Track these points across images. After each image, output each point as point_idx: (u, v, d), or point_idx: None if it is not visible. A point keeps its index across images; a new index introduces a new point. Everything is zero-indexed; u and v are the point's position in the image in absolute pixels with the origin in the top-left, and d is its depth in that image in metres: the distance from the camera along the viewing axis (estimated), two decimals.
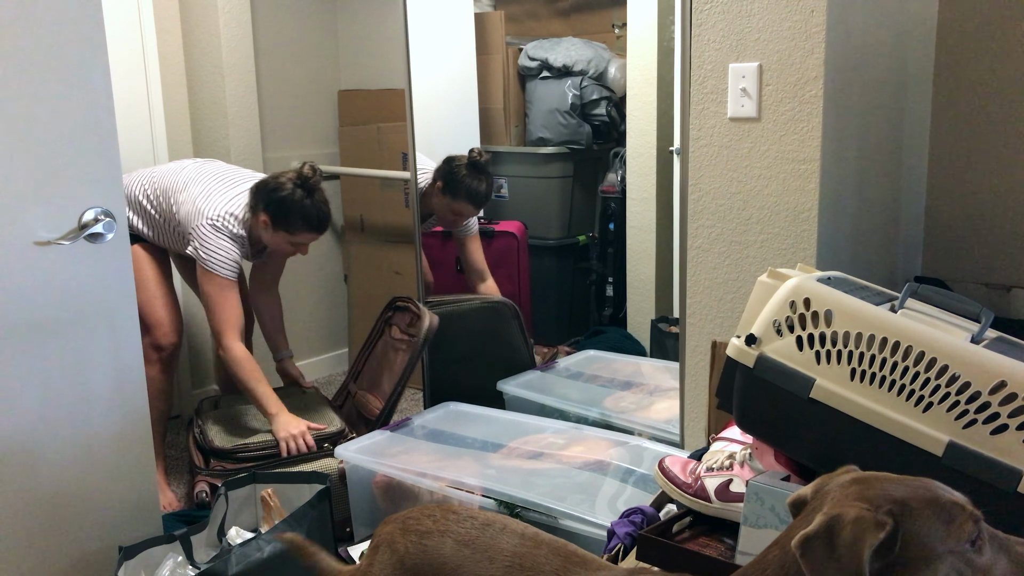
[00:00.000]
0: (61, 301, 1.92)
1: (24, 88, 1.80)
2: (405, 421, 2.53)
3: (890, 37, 2.05)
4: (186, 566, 2.03)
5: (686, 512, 1.46)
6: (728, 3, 1.89)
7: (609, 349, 3.25)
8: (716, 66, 1.93)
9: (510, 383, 2.83)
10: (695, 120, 1.99)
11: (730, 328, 2.00)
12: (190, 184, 2.68)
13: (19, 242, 1.84)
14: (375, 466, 2.27)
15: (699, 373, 2.10)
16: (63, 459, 1.96)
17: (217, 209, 2.59)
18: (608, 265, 3.81)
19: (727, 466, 1.43)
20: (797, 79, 1.82)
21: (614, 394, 2.76)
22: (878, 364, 1.23)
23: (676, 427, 2.24)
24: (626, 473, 2.12)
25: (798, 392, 1.28)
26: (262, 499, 2.21)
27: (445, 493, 2.12)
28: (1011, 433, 1.15)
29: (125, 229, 1.99)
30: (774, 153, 1.88)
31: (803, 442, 1.31)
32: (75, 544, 2.01)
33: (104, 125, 1.93)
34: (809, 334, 1.28)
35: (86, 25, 1.87)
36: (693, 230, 2.04)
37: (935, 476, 1.19)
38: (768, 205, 1.91)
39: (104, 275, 1.98)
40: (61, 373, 1.94)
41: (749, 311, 1.38)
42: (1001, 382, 1.15)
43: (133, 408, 2.08)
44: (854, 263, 1.99)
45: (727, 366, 1.38)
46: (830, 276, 1.38)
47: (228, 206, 2.62)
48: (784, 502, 1.21)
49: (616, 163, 3.76)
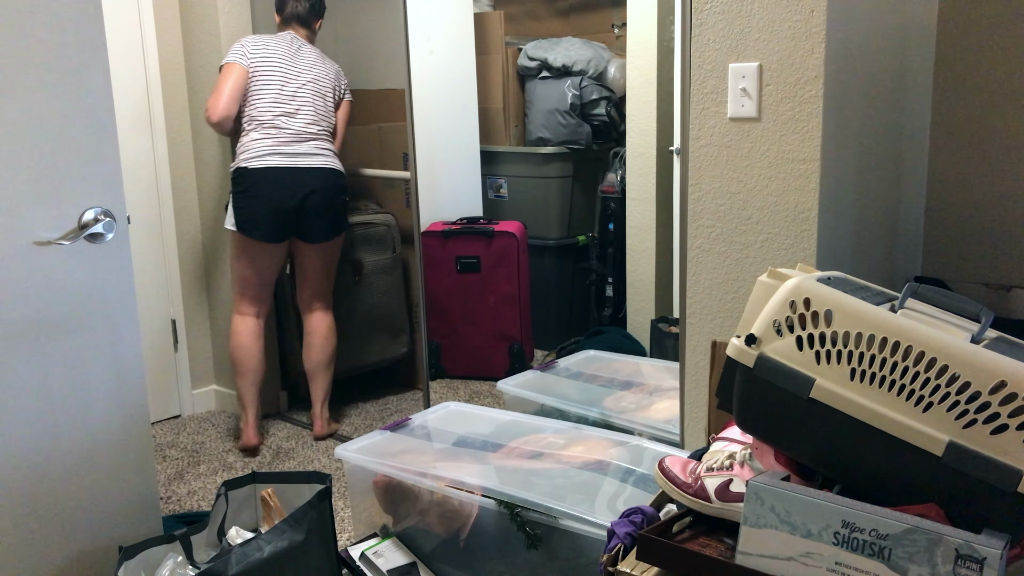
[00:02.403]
0: (61, 301, 1.91)
1: (24, 88, 1.80)
2: (405, 421, 2.53)
3: (890, 37, 2.05)
4: (186, 566, 2.03)
5: (686, 512, 1.46)
6: (728, 3, 1.89)
7: (609, 349, 3.25)
8: (716, 66, 1.93)
9: (510, 382, 2.83)
10: (695, 120, 1.99)
11: (730, 328, 2.00)
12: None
13: (19, 242, 1.84)
14: (375, 466, 2.27)
15: (699, 373, 2.10)
16: (63, 459, 1.96)
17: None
18: (608, 265, 3.82)
19: (727, 466, 1.43)
20: (797, 79, 1.82)
21: (614, 394, 2.76)
22: (878, 364, 1.23)
23: (676, 427, 2.25)
24: (626, 473, 2.12)
25: (798, 392, 1.28)
26: (262, 499, 2.21)
27: (445, 493, 2.12)
28: (1011, 433, 1.15)
29: (125, 229, 1.99)
30: (774, 153, 1.88)
31: (803, 442, 1.31)
32: (75, 544, 2.01)
33: (104, 125, 1.93)
34: (809, 334, 1.28)
35: (86, 25, 1.87)
36: (693, 230, 2.04)
37: (935, 476, 1.19)
38: (768, 205, 1.91)
39: (104, 275, 1.97)
40: (61, 373, 1.94)
41: (749, 311, 1.38)
42: (1001, 382, 1.15)
43: (133, 408, 2.08)
44: (854, 263, 1.99)
45: (727, 366, 1.38)
46: (830, 276, 1.38)
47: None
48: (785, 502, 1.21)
49: (616, 163, 3.76)
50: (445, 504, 2.13)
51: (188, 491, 2.94)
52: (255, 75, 3.03)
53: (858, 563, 1.15)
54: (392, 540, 2.27)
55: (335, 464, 3.08)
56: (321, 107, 3.10)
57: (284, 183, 3.01)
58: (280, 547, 1.91)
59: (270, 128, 3.01)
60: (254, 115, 3.02)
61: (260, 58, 3.05)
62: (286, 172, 3.00)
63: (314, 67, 3.11)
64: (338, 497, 2.75)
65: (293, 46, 3.11)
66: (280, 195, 3.01)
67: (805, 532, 1.19)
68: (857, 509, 1.16)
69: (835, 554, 1.17)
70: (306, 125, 3.05)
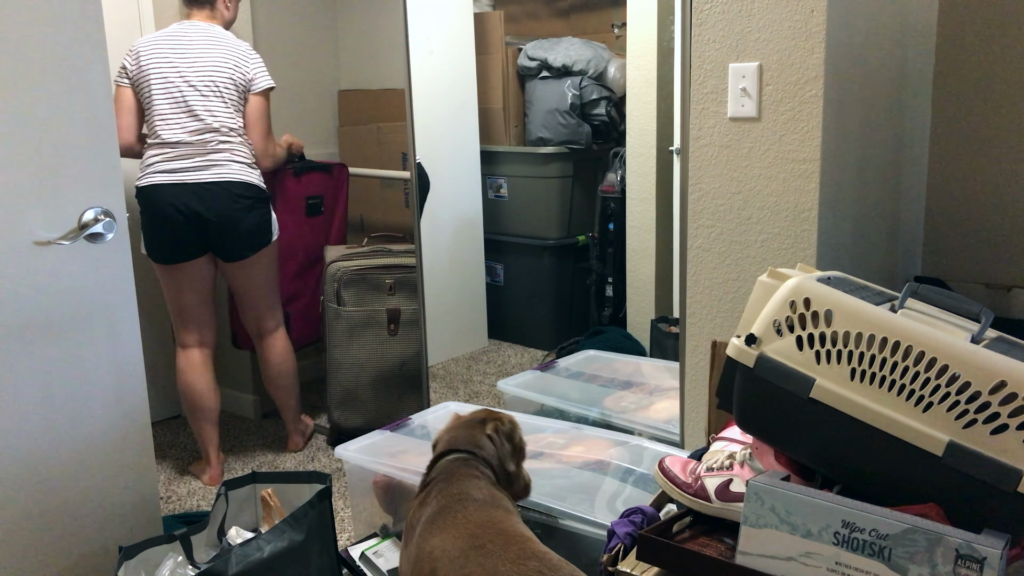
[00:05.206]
0: (61, 301, 1.92)
1: (24, 88, 1.80)
2: (405, 421, 2.53)
3: (890, 37, 2.05)
4: (186, 566, 2.03)
5: (686, 512, 1.46)
6: (728, 3, 1.89)
7: (609, 349, 3.25)
8: (716, 66, 1.93)
9: (510, 383, 2.83)
10: (695, 120, 1.99)
11: (730, 328, 2.00)
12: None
13: (19, 242, 1.84)
14: (375, 466, 2.27)
15: (699, 373, 2.10)
16: (63, 459, 1.96)
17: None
18: (608, 265, 3.81)
19: (727, 466, 1.43)
20: (797, 79, 1.82)
21: (614, 394, 2.76)
22: (878, 364, 1.23)
23: (676, 427, 2.25)
24: (626, 473, 2.12)
25: (798, 392, 1.28)
26: (262, 499, 2.21)
27: None
28: (1011, 433, 1.15)
29: (125, 229, 1.99)
30: (774, 153, 1.88)
31: (803, 442, 1.31)
32: (75, 544, 2.01)
33: (104, 125, 1.93)
34: (809, 334, 1.28)
35: (86, 25, 1.87)
36: (693, 230, 2.04)
37: (935, 476, 1.19)
38: (768, 205, 1.91)
39: (104, 275, 1.98)
40: (61, 373, 1.94)
41: (749, 311, 1.38)
42: (1001, 382, 1.15)
43: (133, 408, 2.08)
44: (854, 263, 1.99)
45: (727, 366, 1.38)
46: (830, 276, 1.38)
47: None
48: (785, 502, 1.21)
49: (616, 163, 3.76)
50: None
51: (188, 491, 2.94)
52: (139, 89, 2.74)
53: (858, 563, 1.15)
54: (392, 540, 2.27)
55: (335, 464, 3.08)
56: (216, 108, 2.73)
57: (171, 201, 2.70)
58: (280, 547, 1.91)
59: (159, 144, 2.73)
60: (147, 131, 2.77)
61: (138, 70, 2.73)
62: (172, 190, 2.70)
63: (204, 60, 2.73)
64: (338, 497, 2.75)
65: (180, 41, 2.76)
66: (170, 215, 2.71)
67: (805, 532, 1.19)
68: (857, 509, 1.16)
69: (835, 554, 1.17)
70: (196, 134, 2.72)
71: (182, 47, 2.74)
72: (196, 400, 2.93)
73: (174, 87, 2.72)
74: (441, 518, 1.54)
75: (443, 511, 1.56)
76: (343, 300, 3.14)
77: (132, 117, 2.76)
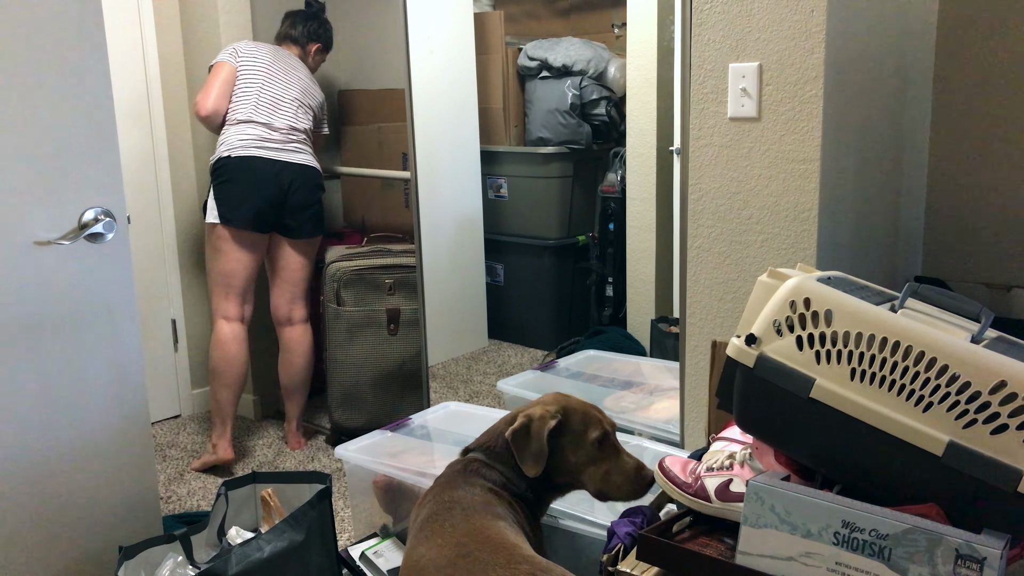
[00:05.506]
0: (61, 301, 1.91)
1: (24, 88, 1.80)
2: (405, 421, 2.53)
3: (890, 37, 2.05)
4: (186, 566, 2.03)
5: (686, 512, 1.46)
6: (728, 3, 1.89)
7: (609, 349, 3.25)
8: (716, 66, 1.93)
9: (510, 382, 2.83)
10: (695, 120, 1.99)
11: (730, 328, 2.00)
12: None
13: (19, 242, 1.84)
14: (375, 466, 2.27)
15: (699, 373, 2.10)
16: (63, 459, 1.96)
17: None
18: (608, 265, 3.81)
19: (727, 466, 1.43)
20: (797, 79, 1.82)
21: (614, 394, 2.75)
22: (878, 364, 1.23)
23: (676, 427, 2.24)
24: None
25: (798, 392, 1.28)
26: (262, 499, 2.21)
27: None
28: (1011, 433, 1.15)
29: (125, 229, 1.99)
30: (774, 153, 1.88)
31: (803, 442, 1.31)
32: (75, 544, 2.01)
33: (104, 125, 1.93)
34: (809, 334, 1.28)
35: (86, 25, 1.87)
36: (693, 230, 2.04)
37: (935, 476, 1.19)
38: (768, 205, 1.91)
39: (104, 275, 1.97)
40: (61, 373, 1.94)
41: (749, 311, 1.38)
42: (1001, 382, 1.15)
43: (133, 408, 2.08)
44: (854, 263, 1.99)
45: (727, 366, 1.38)
46: (830, 276, 1.38)
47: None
48: (784, 502, 1.21)
49: (616, 163, 3.76)
50: None
51: (188, 491, 2.94)
52: (243, 75, 3.07)
53: (858, 563, 1.15)
54: (392, 540, 2.27)
55: (335, 464, 3.08)
56: (303, 116, 3.13)
57: (266, 172, 3.00)
58: (280, 547, 1.91)
59: (253, 123, 3.03)
60: (238, 111, 3.04)
61: (249, 59, 3.08)
62: (267, 163, 3.01)
63: (301, 82, 3.16)
64: (338, 497, 2.75)
65: (283, 57, 3.17)
66: (262, 183, 3.00)
67: (805, 532, 1.19)
68: (857, 509, 1.16)
69: (835, 554, 1.17)
70: (287, 126, 3.07)
71: (288, 65, 3.17)
72: (230, 370, 3.08)
73: (280, 89, 3.10)
74: (429, 526, 1.54)
75: (432, 518, 1.56)
76: (343, 300, 3.16)
77: (228, 88, 3.07)
